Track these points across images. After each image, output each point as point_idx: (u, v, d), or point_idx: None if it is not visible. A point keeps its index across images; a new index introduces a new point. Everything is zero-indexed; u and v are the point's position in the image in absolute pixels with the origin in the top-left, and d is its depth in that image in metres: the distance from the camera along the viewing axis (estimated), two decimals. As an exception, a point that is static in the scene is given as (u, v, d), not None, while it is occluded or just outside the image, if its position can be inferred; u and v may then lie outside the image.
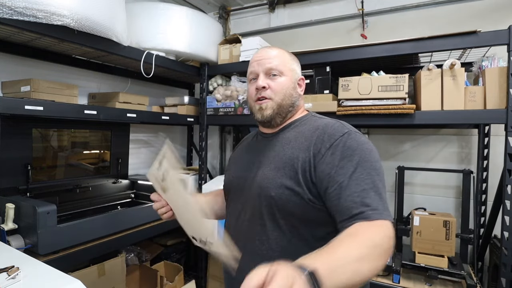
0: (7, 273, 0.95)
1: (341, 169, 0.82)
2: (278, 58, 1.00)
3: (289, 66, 1.01)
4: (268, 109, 0.98)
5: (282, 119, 1.01)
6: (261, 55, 1.02)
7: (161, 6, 2.12)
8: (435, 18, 2.24)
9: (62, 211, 1.84)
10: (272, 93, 0.98)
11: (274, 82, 0.98)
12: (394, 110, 1.69)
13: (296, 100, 1.02)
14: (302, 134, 0.96)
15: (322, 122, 0.96)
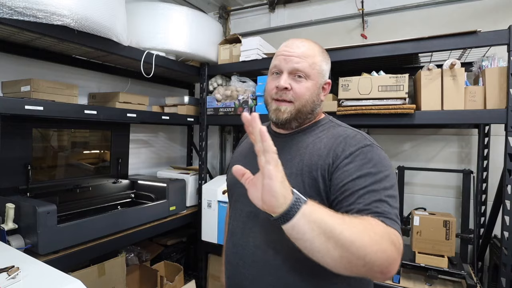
0: (7, 273, 0.95)
1: (358, 179, 0.78)
2: (309, 59, 0.91)
3: (318, 69, 0.92)
4: (285, 113, 0.91)
5: (298, 124, 0.95)
6: (291, 50, 0.92)
7: (161, 6, 2.12)
8: (435, 18, 2.24)
9: (62, 211, 1.84)
10: (294, 96, 0.90)
11: (298, 85, 0.90)
12: (394, 110, 1.69)
13: (317, 107, 0.95)
14: (321, 140, 0.90)
15: (343, 131, 0.91)
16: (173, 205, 2.19)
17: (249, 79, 2.38)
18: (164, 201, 2.14)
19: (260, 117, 0.68)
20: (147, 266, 2.20)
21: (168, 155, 3.03)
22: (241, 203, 0.97)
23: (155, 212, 2.06)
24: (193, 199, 2.47)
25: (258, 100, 2.20)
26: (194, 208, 2.44)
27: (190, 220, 2.39)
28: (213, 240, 2.22)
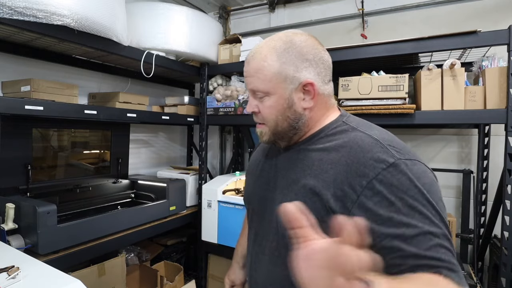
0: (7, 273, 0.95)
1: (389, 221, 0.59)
2: (260, 73, 0.75)
3: (277, 79, 0.74)
4: (265, 135, 0.82)
5: (288, 141, 0.82)
6: (245, 68, 0.80)
7: (161, 6, 2.12)
8: (435, 18, 2.24)
9: (62, 211, 1.84)
10: (262, 119, 0.80)
11: (262, 106, 0.78)
12: (394, 110, 1.69)
13: (296, 121, 0.77)
14: (328, 155, 0.72)
15: (358, 139, 0.70)
16: (173, 205, 2.19)
17: (249, 79, 2.38)
18: (164, 201, 2.14)
19: None
20: (147, 266, 2.20)
21: (168, 155, 3.03)
22: (255, 223, 0.89)
23: (155, 212, 2.06)
24: (193, 199, 2.47)
25: (258, 100, 2.20)
26: (194, 208, 2.44)
27: (190, 220, 2.39)
28: (213, 240, 2.22)
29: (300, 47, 0.75)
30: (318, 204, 0.69)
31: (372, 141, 0.68)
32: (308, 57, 0.75)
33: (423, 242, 0.57)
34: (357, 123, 0.77)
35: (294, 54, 0.75)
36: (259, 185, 0.89)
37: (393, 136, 0.72)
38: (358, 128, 0.74)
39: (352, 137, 0.71)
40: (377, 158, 0.64)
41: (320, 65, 0.77)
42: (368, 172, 0.63)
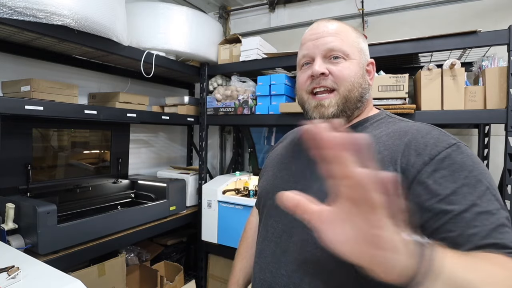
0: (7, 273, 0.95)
1: (455, 195, 0.57)
2: (342, 35, 0.75)
3: (356, 46, 0.77)
4: (330, 107, 0.74)
5: (347, 118, 0.77)
6: (318, 31, 0.76)
7: (161, 6, 2.12)
8: (435, 18, 2.24)
9: (62, 211, 1.84)
10: (335, 82, 0.73)
11: (337, 67, 0.74)
12: (394, 110, 1.69)
13: (366, 92, 0.77)
14: (379, 140, 0.70)
15: (410, 126, 0.70)
16: (173, 205, 2.20)
17: (249, 79, 2.38)
18: (164, 201, 2.14)
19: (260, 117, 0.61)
20: (147, 266, 2.20)
21: (168, 155, 3.03)
22: (272, 218, 0.79)
23: (155, 212, 2.06)
24: (193, 199, 2.47)
25: (258, 100, 2.20)
26: (194, 208, 2.44)
27: (190, 220, 2.39)
28: (213, 240, 2.22)
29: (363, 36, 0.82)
30: None
31: (429, 127, 0.70)
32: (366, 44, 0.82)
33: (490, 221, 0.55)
34: (402, 118, 0.78)
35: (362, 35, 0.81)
36: (281, 178, 0.82)
37: None
38: (405, 120, 0.75)
39: (403, 125, 0.72)
40: (437, 138, 0.65)
41: None
42: (430, 150, 0.62)
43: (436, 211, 0.57)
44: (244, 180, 2.51)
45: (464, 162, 0.60)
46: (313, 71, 0.74)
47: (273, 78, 2.14)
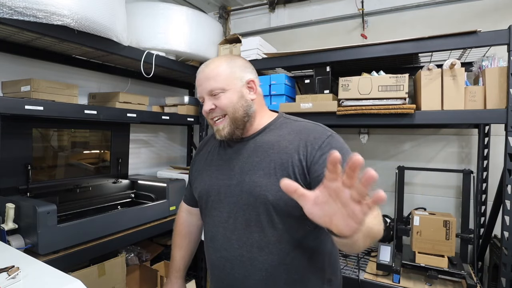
0: (7, 273, 0.95)
1: None
2: (216, 76, 0.99)
3: (230, 77, 1.00)
4: (225, 128, 0.99)
5: (242, 130, 1.01)
6: (201, 78, 1.03)
7: (161, 6, 2.12)
8: (435, 18, 2.24)
9: (62, 211, 1.84)
10: (221, 110, 0.98)
11: (219, 101, 0.98)
12: (394, 110, 1.69)
13: (249, 108, 1.00)
14: (284, 138, 0.98)
15: (303, 126, 1.00)
16: (173, 205, 2.19)
17: (249, 79, 2.38)
18: (164, 201, 2.13)
19: None
20: (147, 266, 2.20)
21: (168, 155, 3.03)
22: (218, 210, 1.02)
23: (155, 212, 2.06)
24: (193, 199, 2.47)
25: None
26: (194, 208, 2.44)
27: (190, 220, 2.38)
28: (213, 240, 2.22)
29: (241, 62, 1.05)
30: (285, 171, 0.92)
31: (313, 125, 1.00)
32: (247, 66, 1.05)
33: None
34: (296, 118, 1.05)
35: (239, 64, 1.03)
36: (216, 177, 1.05)
37: None
38: (298, 120, 1.04)
39: (298, 125, 1.01)
40: (321, 132, 0.96)
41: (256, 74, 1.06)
42: (318, 140, 0.93)
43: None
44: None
45: (336, 145, 0.92)
46: (204, 110, 1.00)
47: (273, 78, 2.14)
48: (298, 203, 0.80)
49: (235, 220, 0.97)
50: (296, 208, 0.82)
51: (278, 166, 0.93)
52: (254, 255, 0.94)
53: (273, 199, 0.91)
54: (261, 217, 0.93)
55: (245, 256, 0.95)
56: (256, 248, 0.94)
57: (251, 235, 0.95)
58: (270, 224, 0.93)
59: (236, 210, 0.98)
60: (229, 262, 0.98)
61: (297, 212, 0.86)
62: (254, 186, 0.94)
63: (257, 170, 0.96)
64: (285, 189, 0.61)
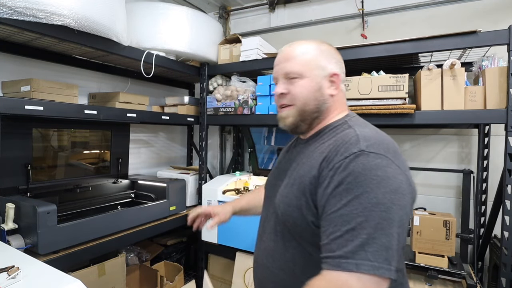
0: (7, 273, 0.95)
1: (333, 197, 0.70)
2: (297, 58, 0.88)
3: (312, 64, 0.87)
4: (289, 117, 0.89)
5: (308, 126, 0.90)
6: (279, 57, 0.92)
7: (161, 6, 2.12)
8: (435, 18, 2.24)
9: (62, 211, 1.84)
10: (292, 98, 0.88)
11: (293, 86, 0.87)
12: (394, 110, 1.69)
13: (322, 103, 0.88)
14: (320, 147, 0.84)
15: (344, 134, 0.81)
16: (173, 205, 2.20)
17: (249, 79, 2.38)
18: (164, 201, 2.14)
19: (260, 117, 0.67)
20: (147, 266, 2.20)
21: (168, 155, 3.03)
22: (265, 207, 1.00)
23: (155, 212, 2.06)
24: (193, 199, 2.47)
25: (258, 100, 2.20)
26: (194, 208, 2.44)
27: (190, 220, 2.38)
28: (213, 240, 2.22)
29: (329, 49, 0.91)
30: (300, 186, 0.80)
31: (353, 136, 0.77)
32: (334, 56, 0.91)
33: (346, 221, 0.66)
34: (355, 122, 0.86)
35: (325, 52, 0.90)
36: (273, 175, 1.02)
37: (381, 135, 0.78)
38: (353, 127, 0.83)
39: (344, 133, 0.82)
40: (346, 148, 0.75)
41: (342, 68, 0.92)
42: (338, 156, 0.74)
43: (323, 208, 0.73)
44: (244, 180, 2.51)
45: (354, 169, 0.69)
46: (275, 91, 0.92)
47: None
48: (307, 226, 0.78)
49: (268, 222, 0.94)
50: (307, 232, 0.78)
51: (298, 178, 0.83)
52: (268, 263, 0.89)
53: (284, 213, 0.83)
54: (278, 227, 0.88)
55: (263, 261, 0.92)
56: (270, 257, 0.89)
57: (271, 243, 0.90)
58: (284, 237, 0.85)
59: (271, 212, 0.93)
60: (256, 261, 0.97)
61: (309, 237, 0.79)
62: (279, 194, 0.88)
63: (287, 177, 0.89)
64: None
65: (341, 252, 0.65)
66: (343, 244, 0.65)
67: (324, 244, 0.69)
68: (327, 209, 0.71)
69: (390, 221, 0.65)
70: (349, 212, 0.66)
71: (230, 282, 2.16)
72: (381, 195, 0.66)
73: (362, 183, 0.67)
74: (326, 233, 0.69)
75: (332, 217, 0.69)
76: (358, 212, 0.66)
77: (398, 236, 0.66)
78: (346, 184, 0.69)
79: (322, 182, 0.74)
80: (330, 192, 0.71)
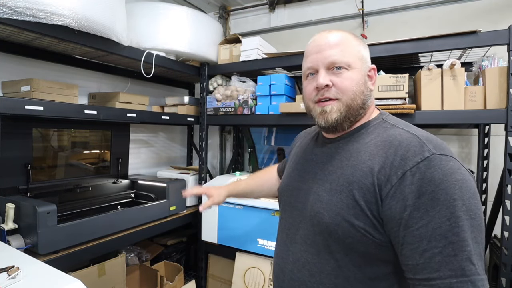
0: (7, 273, 0.95)
1: (417, 210, 0.62)
2: (343, 46, 0.78)
3: (357, 55, 0.79)
4: (333, 113, 0.78)
5: (350, 124, 0.81)
6: (320, 43, 0.80)
7: (161, 6, 2.12)
8: (435, 18, 2.24)
9: (62, 211, 1.84)
10: (339, 92, 0.78)
11: (340, 78, 0.77)
12: (394, 110, 1.69)
13: (368, 99, 0.81)
14: (366, 148, 0.75)
15: (395, 136, 0.73)
16: (173, 205, 2.19)
17: (249, 79, 2.38)
18: (164, 201, 2.14)
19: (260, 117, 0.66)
20: (147, 266, 2.20)
21: (168, 155, 3.03)
22: (286, 212, 0.91)
23: (155, 212, 2.06)
24: (193, 199, 2.47)
25: (258, 100, 2.20)
26: (194, 208, 2.44)
27: (190, 220, 2.39)
28: (213, 240, 2.22)
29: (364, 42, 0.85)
30: (350, 194, 0.71)
31: (411, 136, 0.71)
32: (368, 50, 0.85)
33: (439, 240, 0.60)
34: (396, 121, 0.80)
35: (363, 42, 0.84)
36: (293, 177, 0.92)
37: (430, 134, 0.72)
38: (397, 126, 0.77)
39: (391, 133, 0.75)
40: (413, 151, 0.67)
41: None
42: (405, 164, 0.66)
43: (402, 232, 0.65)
44: None
45: (433, 176, 0.63)
46: (317, 83, 0.79)
47: (273, 78, 2.14)
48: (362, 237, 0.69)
49: (297, 230, 0.83)
50: (360, 243, 0.70)
51: (345, 184, 0.73)
52: (303, 277, 0.79)
53: (330, 222, 0.73)
54: (317, 238, 0.77)
55: (295, 274, 0.81)
56: (307, 270, 0.78)
57: (305, 254, 0.79)
58: (326, 249, 0.75)
59: (300, 220, 0.83)
60: (282, 273, 0.86)
61: (361, 248, 0.71)
62: (316, 199, 0.78)
63: (325, 182, 0.78)
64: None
65: (447, 271, 0.59)
66: (446, 261, 0.59)
67: (418, 264, 0.62)
68: (411, 223, 0.62)
69: (480, 228, 0.62)
70: (441, 224, 0.60)
71: (230, 282, 2.16)
72: (467, 201, 0.61)
73: (446, 190, 0.61)
74: (418, 251, 0.62)
75: (421, 233, 0.61)
76: (451, 223, 0.60)
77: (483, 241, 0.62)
78: (429, 193, 0.62)
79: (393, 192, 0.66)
80: (412, 203, 0.63)
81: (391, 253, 0.69)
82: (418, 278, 0.62)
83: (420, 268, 0.61)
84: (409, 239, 0.63)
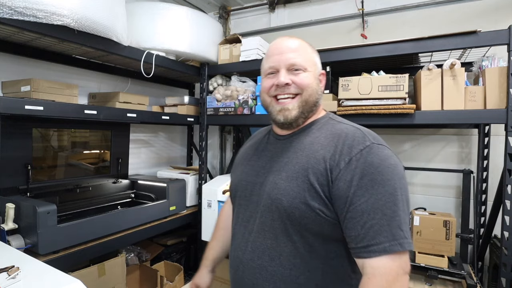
0: (7, 273, 0.95)
1: (360, 189, 0.75)
2: (301, 51, 0.91)
3: (312, 60, 0.92)
4: (294, 110, 0.88)
5: (304, 120, 0.91)
6: (282, 47, 0.93)
7: (161, 6, 2.12)
8: (435, 18, 2.24)
9: (62, 211, 1.84)
10: (298, 88, 0.88)
11: (299, 78, 0.88)
12: (394, 110, 1.69)
13: (320, 98, 0.93)
14: (317, 140, 0.86)
15: (342, 129, 0.86)
16: (173, 205, 2.20)
17: (249, 79, 2.38)
18: (164, 201, 2.14)
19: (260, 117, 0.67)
20: (147, 266, 2.20)
21: (168, 155, 3.03)
22: (242, 207, 0.96)
23: (155, 212, 2.06)
24: (193, 199, 2.47)
25: (258, 100, 2.20)
26: (194, 208, 2.44)
27: (190, 220, 2.39)
28: (213, 240, 2.22)
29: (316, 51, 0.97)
30: (306, 179, 0.81)
31: (355, 130, 0.85)
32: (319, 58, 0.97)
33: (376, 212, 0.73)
34: (341, 119, 0.93)
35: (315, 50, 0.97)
36: (246, 173, 0.98)
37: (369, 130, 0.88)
38: (343, 122, 0.91)
39: (339, 128, 0.88)
40: (358, 141, 0.80)
41: None
42: (350, 151, 0.79)
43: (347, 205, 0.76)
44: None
45: (372, 161, 0.76)
46: (278, 81, 0.89)
47: (273, 78, 2.13)
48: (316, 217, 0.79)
49: (255, 221, 0.90)
50: (315, 222, 0.79)
51: (301, 170, 0.83)
52: (264, 263, 0.86)
53: (288, 206, 0.81)
54: (275, 223, 0.84)
55: (255, 262, 0.87)
56: (267, 256, 0.85)
57: (264, 241, 0.86)
58: (284, 233, 0.83)
59: (257, 211, 0.90)
60: (241, 264, 0.91)
61: (316, 227, 0.80)
62: (273, 188, 0.86)
63: (281, 171, 0.87)
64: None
65: (382, 238, 0.71)
66: (381, 230, 0.72)
67: (359, 235, 0.73)
68: (355, 201, 0.74)
69: (407, 201, 0.76)
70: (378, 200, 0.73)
71: (230, 282, 2.16)
72: (398, 181, 0.75)
73: (382, 172, 0.75)
74: (360, 223, 0.73)
75: (363, 208, 0.73)
76: (386, 199, 0.73)
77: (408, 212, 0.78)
78: (369, 175, 0.75)
79: (341, 174, 0.77)
80: (356, 184, 0.75)
81: (341, 232, 0.79)
82: (359, 246, 0.74)
83: (361, 238, 0.73)
84: (352, 214, 0.75)
